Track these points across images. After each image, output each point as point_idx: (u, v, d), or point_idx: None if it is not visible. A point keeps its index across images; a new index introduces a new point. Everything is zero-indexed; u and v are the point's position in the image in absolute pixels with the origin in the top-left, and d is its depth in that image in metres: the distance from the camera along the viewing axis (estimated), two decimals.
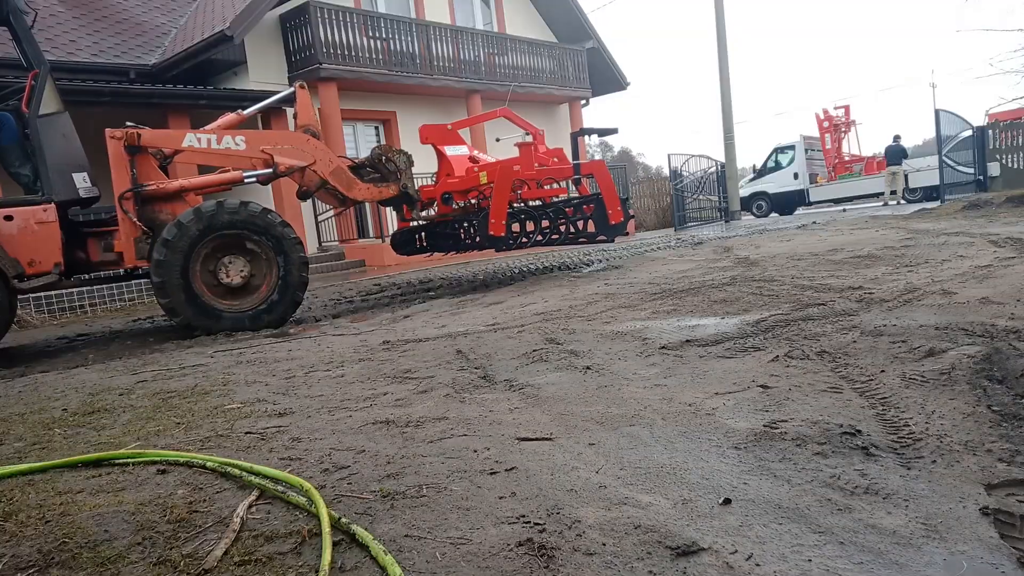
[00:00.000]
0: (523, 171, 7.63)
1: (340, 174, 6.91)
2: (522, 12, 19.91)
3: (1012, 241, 6.11)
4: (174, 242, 5.59)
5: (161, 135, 6.37)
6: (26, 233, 5.45)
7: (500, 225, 7.24)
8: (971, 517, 1.53)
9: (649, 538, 1.52)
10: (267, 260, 6.02)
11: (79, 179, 5.87)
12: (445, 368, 3.38)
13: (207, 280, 5.82)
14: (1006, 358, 2.46)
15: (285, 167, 6.49)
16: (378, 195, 7.37)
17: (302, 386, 3.28)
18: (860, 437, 2.00)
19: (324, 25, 13.98)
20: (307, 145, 6.72)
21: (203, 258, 5.78)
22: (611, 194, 7.70)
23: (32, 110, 5.63)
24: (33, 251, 5.46)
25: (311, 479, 1.95)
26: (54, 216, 5.59)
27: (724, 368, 2.89)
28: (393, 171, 7.36)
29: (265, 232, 5.95)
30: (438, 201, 7.84)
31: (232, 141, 6.36)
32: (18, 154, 5.78)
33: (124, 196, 5.81)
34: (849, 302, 3.93)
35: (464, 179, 7.78)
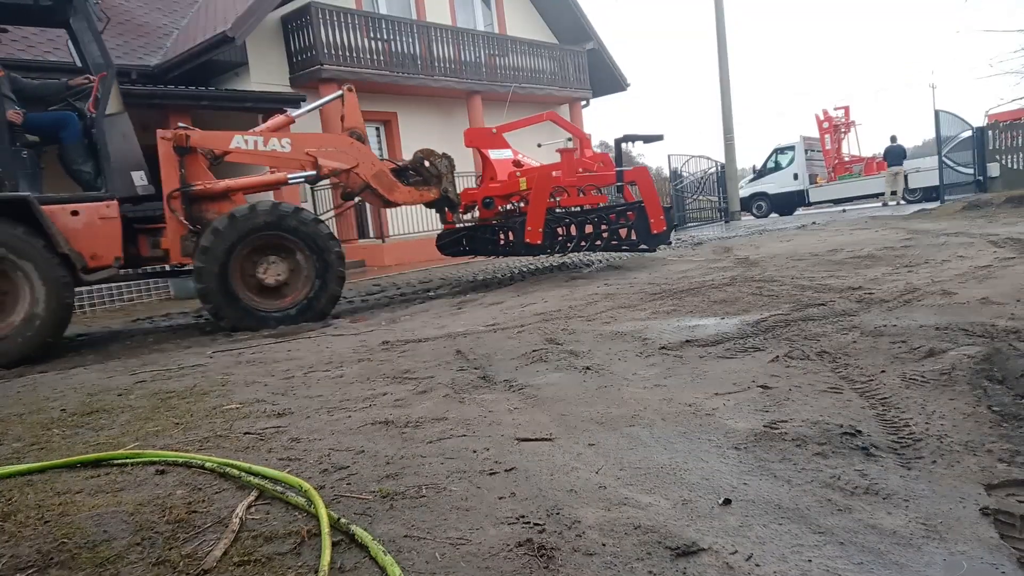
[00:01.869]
0: (563, 177, 7.58)
1: (382, 177, 7.02)
2: (523, 13, 19.91)
3: (1012, 241, 6.10)
4: (212, 248, 5.77)
5: (209, 136, 6.53)
6: (90, 228, 5.69)
7: (537, 233, 7.23)
8: (971, 517, 1.53)
9: (649, 538, 1.52)
10: (304, 258, 6.15)
11: (137, 177, 6.11)
12: (445, 368, 3.38)
13: (248, 281, 6.00)
14: (1006, 358, 2.46)
15: (328, 169, 6.63)
16: (419, 198, 7.44)
17: (301, 386, 3.27)
18: (860, 437, 2.00)
19: (325, 26, 13.98)
20: (351, 148, 6.86)
21: (243, 259, 5.95)
22: (654, 202, 7.55)
23: (99, 111, 5.87)
24: (95, 245, 5.70)
25: (310, 479, 1.95)
26: (116, 212, 5.82)
27: (724, 368, 2.88)
28: (435, 175, 7.40)
29: (298, 231, 6.08)
30: (479, 205, 7.85)
31: (278, 143, 6.55)
32: (80, 152, 5.98)
33: (172, 195, 6.03)
34: (849, 302, 3.92)
35: (506, 184, 7.75)
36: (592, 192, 7.96)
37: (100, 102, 5.91)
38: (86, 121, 5.99)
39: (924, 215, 11.94)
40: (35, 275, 5.26)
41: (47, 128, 5.92)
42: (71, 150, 5.97)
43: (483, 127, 8.49)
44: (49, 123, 5.95)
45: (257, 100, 13.02)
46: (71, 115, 6.01)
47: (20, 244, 5.23)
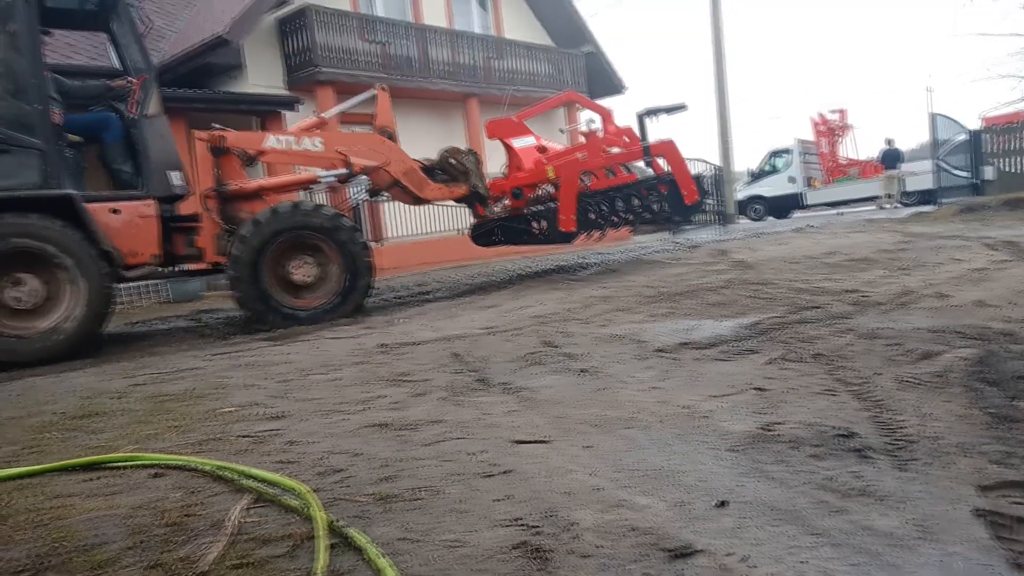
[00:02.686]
0: (590, 160, 7.59)
1: (413, 175, 7.13)
2: (520, 16, 19.94)
3: (1007, 244, 6.13)
4: (249, 239, 5.91)
5: (244, 137, 6.73)
6: (130, 226, 5.82)
7: (571, 220, 7.26)
8: (965, 518, 1.54)
9: (645, 540, 1.52)
10: (335, 262, 6.29)
11: (174, 177, 6.25)
12: (441, 371, 3.38)
13: (277, 277, 6.14)
14: (1000, 360, 2.47)
15: (360, 168, 6.78)
16: (449, 195, 7.54)
17: (298, 389, 3.27)
18: (855, 439, 2.00)
19: (321, 29, 13.99)
20: (382, 146, 6.99)
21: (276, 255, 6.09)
22: (684, 174, 7.53)
23: (140, 112, 6.02)
24: (135, 242, 5.83)
25: (306, 482, 1.94)
26: (154, 211, 5.96)
27: (720, 371, 2.89)
28: (462, 171, 7.48)
29: (335, 235, 6.22)
30: (508, 195, 7.86)
31: (310, 142, 6.69)
32: (120, 152, 6.11)
33: (207, 195, 6.21)
34: (845, 305, 3.93)
35: (533, 172, 7.75)
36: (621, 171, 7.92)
37: (141, 104, 6.05)
38: (126, 122, 6.11)
39: (920, 218, 11.99)
40: (78, 272, 5.37)
41: (90, 128, 6.05)
42: (112, 150, 6.10)
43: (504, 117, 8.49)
44: (91, 123, 6.09)
45: (253, 102, 13.02)
46: (112, 116, 6.15)
47: (64, 241, 5.33)
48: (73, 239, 5.37)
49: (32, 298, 5.31)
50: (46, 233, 5.27)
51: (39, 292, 5.33)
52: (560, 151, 8.05)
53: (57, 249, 5.29)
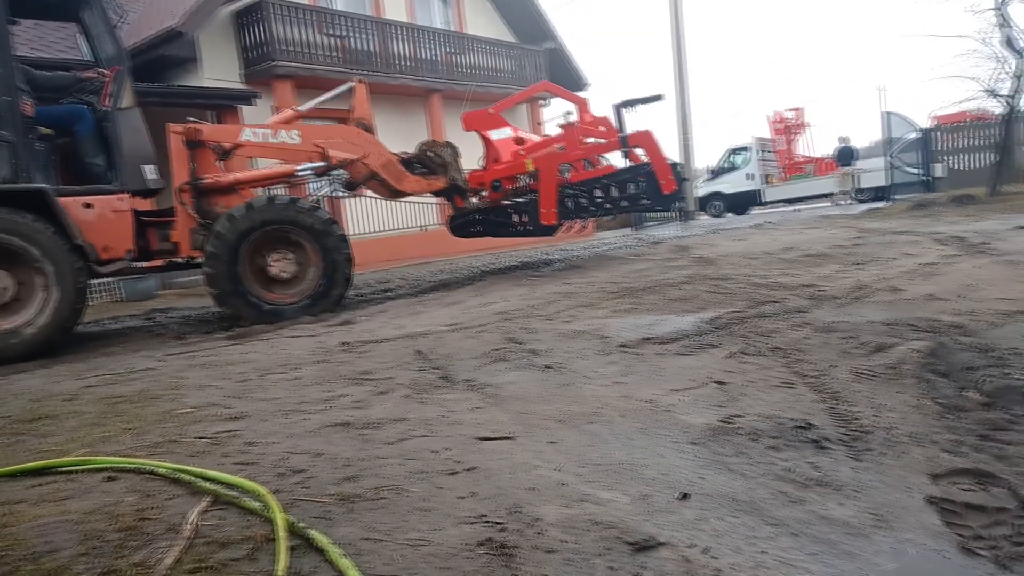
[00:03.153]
0: (568, 152, 7.57)
1: (391, 167, 7.10)
2: (481, 12, 19.88)
3: (956, 240, 6.33)
4: (224, 235, 5.81)
5: (220, 130, 6.71)
6: (103, 220, 5.68)
7: (552, 214, 7.27)
8: (917, 506, 1.58)
9: (608, 534, 1.53)
10: (312, 255, 6.22)
11: (148, 171, 6.11)
12: (404, 369, 3.35)
13: (255, 273, 6.06)
14: (950, 352, 2.55)
15: (337, 160, 6.72)
16: (427, 187, 7.52)
17: (257, 389, 3.21)
18: (812, 431, 2.04)
19: (279, 22, 13.74)
20: (359, 139, 6.95)
21: (253, 250, 6.00)
22: (661, 163, 7.53)
23: (113, 105, 5.88)
24: (108, 237, 5.70)
25: (266, 483, 1.91)
26: (128, 205, 5.85)
27: (681, 365, 2.92)
28: (441, 164, 7.47)
29: (312, 228, 6.15)
30: (488, 188, 7.82)
31: (287, 135, 6.63)
32: (93, 145, 5.96)
33: (182, 188, 6.10)
34: (801, 299, 4.01)
35: (511, 164, 7.73)
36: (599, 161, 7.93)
37: (114, 96, 5.92)
38: (98, 114, 5.97)
39: (873, 214, 12.31)
40: (51, 267, 5.25)
41: (60, 120, 5.89)
42: (84, 143, 5.95)
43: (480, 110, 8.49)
44: (63, 115, 5.93)
45: (209, 96, 12.73)
46: (84, 108, 5.99)
47: (36, 235, 5.21)
48: (45, 234, 5.24)
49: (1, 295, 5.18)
50: (17, 228, 5.13)
51: (9, 288, 5.20)
52: (538, 142, 8.06)
53: (29, 244, 5.16)
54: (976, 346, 2.56)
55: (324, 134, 6.92)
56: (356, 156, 6.84)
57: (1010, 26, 12.91)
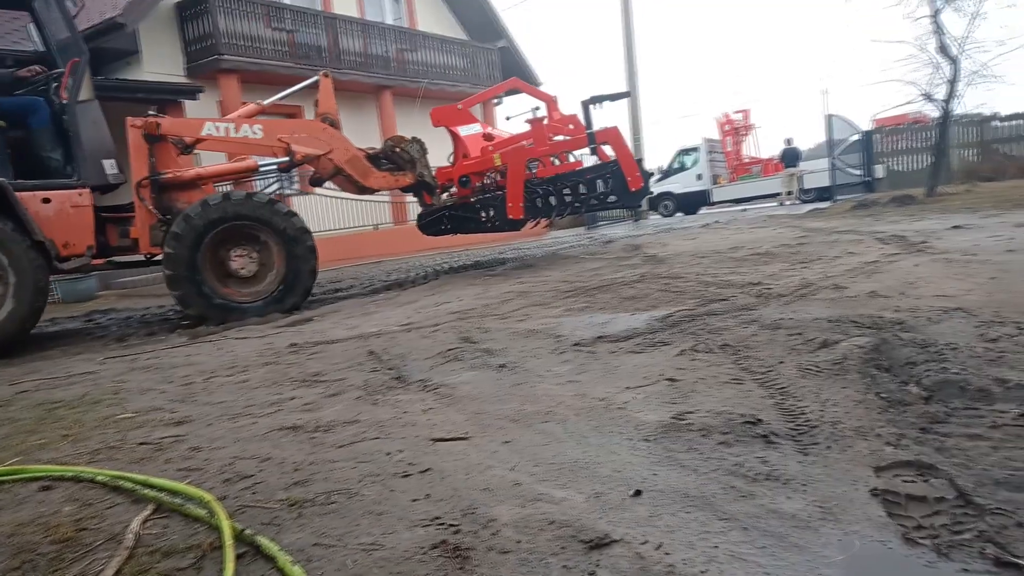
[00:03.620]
0: (536, 148, 7.54)
1: (356, 163, 7.01)
2: (433, 9, 19.76)
3: (896, 239, 6.55)
4: (182, 234, 5.69)
5: (180, 124, 6.54)
6: (62, 216, 5.54)
7: (518, 208, 7.25)
8: (862, 498, 1.62)
9: (563, 533, 1.53)
10: (275, 250, 6.13)
11: (108, 165, 6.00)
12: (357, 370, 3.30)
13: (218, 271, 5.96)
14: (892, 348, 2.63)
15: (301, 155, 6.61)
16: (394, 183, 7.47)
17: (202, 393, 3.12)
18: (761, 426, 2.08)
19: (224, 15, 13.42)
20: (323, 134, 6.84)
21: (213, 249, 5.90)
22: (628, 160, 7.55)
23: (71, 97, 5.70)
24: (68, 233, 5.56)
25: (212, 490, 1.85)
26: (89, 200, 5.71)
27: (634, 363, 2.95)
28: (408, 160, 7.41)
29: (270, 223, 6.05)
30: (456, 184, 7.76)
31: (250, 130, 6.48)
32: (49, 138, 5.79)
33: (141, 184, 5.98)
34: (749, 297, 4.10)
35: (480, 160, 7.67)
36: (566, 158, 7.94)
37: (72, 88, 5.72)
38: (55, 107, 5.78)
39: (817, 214, 12.66)
40: (9, 264, 5.12)
41: (13, 113, 5.67)
42: (39, 136, 5.75)
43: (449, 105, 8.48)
44: (16, 108, 5.71)
45: (150, 91, 12.35)
46: (39, 100, 5.78)
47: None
48: (4, 230, 5.10)
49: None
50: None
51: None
52: (506, 138, 8.03)
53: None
54: (916, 342, 2.65)
55: (288, 129, 6.82)
56: (320, 151, 6.75)
57: (943, 33, 13.44)
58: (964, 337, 2.71)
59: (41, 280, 5.28)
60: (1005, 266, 4.31)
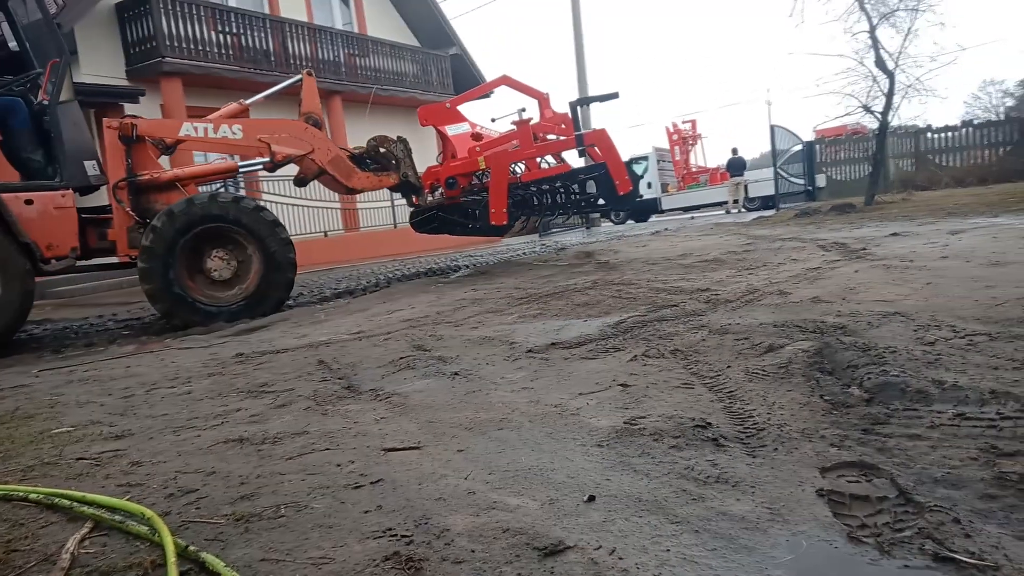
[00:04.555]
0: (522, 150, 7.44)
1: (339, 163, 6.94)
2: (383, 15, 19.64)
3: (837, 245, 6.77)
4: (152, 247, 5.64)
5: (157, 125, 6.46)
6: (45, 217, 5.50)
7: (501, 214, 7.17)
8: (809, 499, 1.66)
9: (517, 541, 1.52)
10: (249, 248, 6.07)
11: (89, 166, 5.95)
12: (306, 380, 3.24)
13: (197, 276, 5.93)
14: (834, 351, 2.70)
15: (282, 156, 6.54)
16: (378, 184, 7.38)
17: (143, 405, 3.01)
18: (711, 429, 2.11)
19: (167, 16, 13.09)
20: (305, 134, 6.77)
21: (192, 249, 5.86)
22: (616, 163, 7.43)
23: (52, 98, 5.62)
24: (51, 235, 5.52)
25: (154, 506, 1.78)
26: (72, 201, 5.68)
27: (587, 369, 2.97)
28: (392, 160, 7.34)
29: (238, 221, 5.98)
30: (443, 186, 7.66)
31: (229, 130, 6.45)
32: (29, 139, 5.73)
33: (118, 185, 5.93)
34: (698, 303, 4.17)
35: (466, 161, 7.56)
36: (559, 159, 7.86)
37: (53, 89, 5.64)
38: (34, 108, 5.74)
39: (762, 222, 13.00)
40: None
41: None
42: (18, 137, 5.68)
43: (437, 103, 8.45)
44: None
45: (89, 93, 11.92)
46: (18, 100, 5.71)
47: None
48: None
49: None
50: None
51: None
52: (495, 138, 7.96)
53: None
54: (857, 345, 2.73)
55: (268, 129, 6.76)
56: (302, 152, 6.69)
57: (880, 48, 13.99)
58: (903, 340, 2.81)
59: (28, 283, 5.23)
60: (940, 272, 4.49)
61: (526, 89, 8.69)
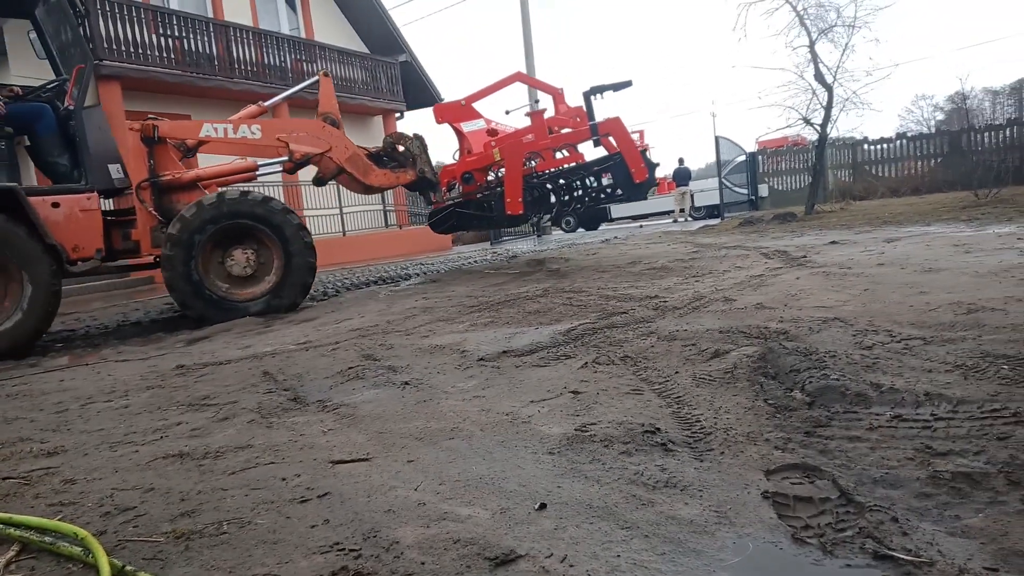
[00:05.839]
0: (536, 142, 7.42)
1: (357, 160, 7.01)
2: (332, 21, 19.43)
3: (779, 253, 6.96)
4: (178, 236, 5.80)
5: (178, 126, 6.59)
6: (71, 220, 5.66)
7: (517, 203, 7.16)
8: (754, 501, 1.69)
9: (468, 551, 1.50)
10: (272, 247, 6.23)
11: (114, 169, 6.12)
12: (250, 392, 3.15)
13: (216, 271, 6.08)
14: (777, 356, 2.77)
15: (301, 154, 6.62)
16: (395, 181, 7.42)
17: (77, 420, 2.88)
18: (659, 434, 2.14)
19: (104, 18, 12.66)
20: (323, 132, 6.86)
21: (210, 249, 6.01)
22: (632, 151, 7.32)
23: (78, 103, 5.80)
24: (77, 237, 5.68)
25: (88, 525, 1.71)
26: (96, 204, 5.83)
27: (539, 376, 2.97)
28: (409, 157, 7.36)
29: (266, 220, 6.13)
30: (459, 181, 7.67)
31: (248, 130, 6.58)
32: (55, 144, 5.86)
33: (141, 186, 6.14)
34: (647, 310, 4.23)
35: (481, 156, 7.56)
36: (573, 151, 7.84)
37: (79, 94, 5.81)
38: (60, 113, 5.89)
39: (707, 230, 13.29)
40: (23, 267, 5.22)
41: (20, 119, 5.77)
42: (46, 142, 5.85)
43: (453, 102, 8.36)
44: (23, 114, 5.81)
45: None
46: (45, 107, 5.88)
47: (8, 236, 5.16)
48: (17, 234, 5.19)
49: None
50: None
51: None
52: (510, 133, 7.98)
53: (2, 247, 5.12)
54: (799, 350, 2.81)
55: (287, 128, 6.86)
56: (320, 150, 6.77)
57: (819, 62, 14.50)
58: (842, 345, 2.90)
59: (55, 284, 5.37)
60: (877, 279, 4.66)
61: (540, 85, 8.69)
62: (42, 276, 5.27)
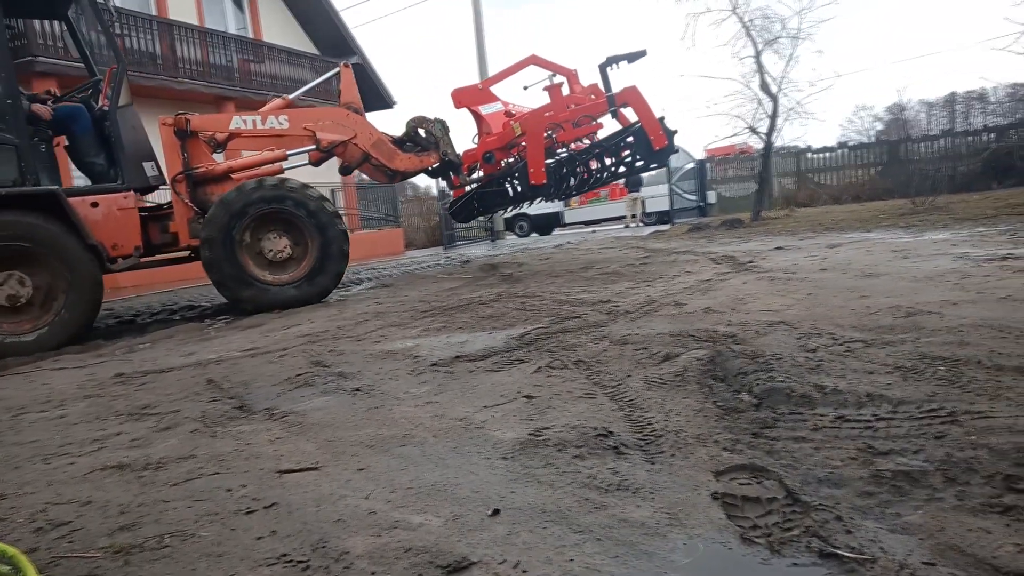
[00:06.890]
0: (555, 115, 7.51)
1: (381, 146, 7.12)
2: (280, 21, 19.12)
3: (727, 259, 7.11)
4: (219, 217, 6.02)
5: (209, 120, 6.77)
6: (110, 219, 5.84)
7: (540, 173, 7.19)
8: (704, 502, 1.71)
9: (420, 560, 1.48)
10: (307, 233, 6.38)
11: (148, 168, 6.32)
12: (193, 400, 3.06)
13: (253, 255, 6.29)
14: (726, 359, 2.82)
15: (327, 142, 6.82)
16: (420, 164, 7.47)
17: (8, 432, 2.75)
18: (612, 438, 2.15)
19: None
20: (347, 120, 6.98)
21: (248, 233, 6.22)
22: (650, 119, 7.35)
23: (112, 103, 5.95)
24: (116, 235, 5.87)
25: (18, 542, 1.62)
26: (133, 202, 6.01)
27: (492, 381, 2.96)
28: (432, 140, 7.42)
29: (303, 206, 6.29)
30: (481, 162, 7.70)
31: (276, 121, 6.73)
32: (91, 144, 6.02)
33: (176, 179, 6.33)
34: (600, 314, 4.26)
35: (502, 135, 7.61)
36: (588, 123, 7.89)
37: (113, 95, 5.95)
38: (96, 113, 6.06)
39: (658, 236, 13.49)
40: (67, 268, 5.39)
41: (58, 121, 5.90)
42: (82, 142, 6.01)
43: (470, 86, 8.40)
44: (61, 116, 5.91)
45: None
46: (81, 108, 6.03)
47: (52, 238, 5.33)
48: (60, 235, 5.36)
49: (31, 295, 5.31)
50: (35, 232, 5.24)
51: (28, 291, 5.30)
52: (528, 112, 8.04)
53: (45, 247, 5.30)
54: (746, 353, 2.87)
55: (312, 117, 6.96)
56: (346, 137, 6.89)
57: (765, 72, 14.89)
58: (787, 348, 2.97)
59: (96, 281, 5.57)
60: (820, 283, 4.80)
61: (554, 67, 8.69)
62: (84, 275, 5.46)
